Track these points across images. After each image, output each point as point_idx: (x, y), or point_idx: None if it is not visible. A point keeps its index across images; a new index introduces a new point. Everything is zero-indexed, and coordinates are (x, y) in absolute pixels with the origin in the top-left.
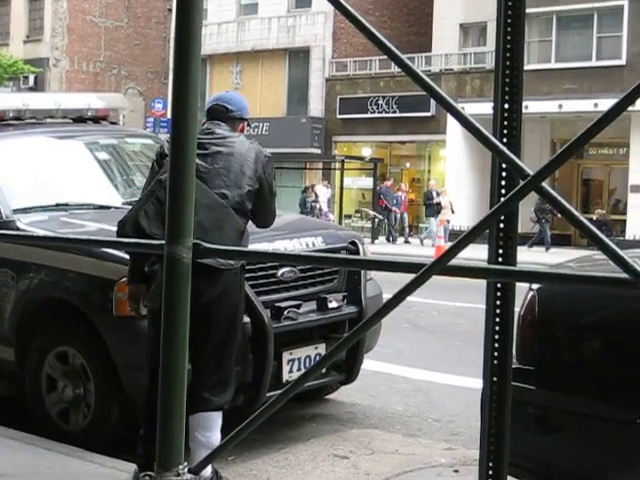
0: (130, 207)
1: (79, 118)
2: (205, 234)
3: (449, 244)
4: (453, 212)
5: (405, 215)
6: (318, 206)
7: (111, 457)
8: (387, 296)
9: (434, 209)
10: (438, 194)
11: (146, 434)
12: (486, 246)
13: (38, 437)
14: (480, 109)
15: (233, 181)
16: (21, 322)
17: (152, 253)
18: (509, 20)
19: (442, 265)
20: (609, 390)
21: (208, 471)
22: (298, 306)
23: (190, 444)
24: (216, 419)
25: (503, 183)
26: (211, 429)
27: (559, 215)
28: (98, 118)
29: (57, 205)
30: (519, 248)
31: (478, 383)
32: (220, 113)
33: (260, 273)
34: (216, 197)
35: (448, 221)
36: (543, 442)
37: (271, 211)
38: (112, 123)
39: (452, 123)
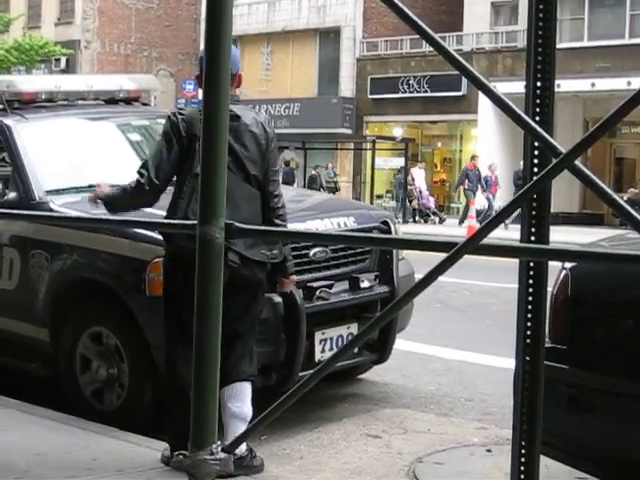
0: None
1: (111, 100)
2: (237, 205)
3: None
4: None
5: (492, 197)
6: (418, 189)
7: (145, 436)
8: (419, 276)
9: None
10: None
11: (172, 414)
12: (519, 227)
13: (73, 417)
14: (512, 88)
15: (259, 168)
16: (55, 303)
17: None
18: None
19: (474, 244)
20: None
21: (243, 448)
22: (330, 286)
23: (223, 418)
24: (247, 389)
25: (535, 162)
26: (243, 399)
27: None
28: (130, 99)
29: (90, 186)
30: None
31: (511, 363)
32: None
33: (293, 253)
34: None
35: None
36: (576, 421)
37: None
38: (144, 104)
39: (483, 102)
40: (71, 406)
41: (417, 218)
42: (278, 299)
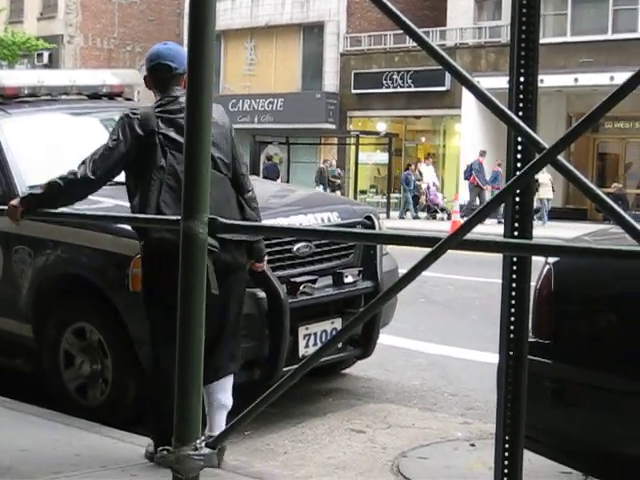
0: None
1: (94, 95)
2: (219, 209)
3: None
4: (554, 190)
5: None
6: (425, 185)
7: (129, 432)
8: (403, 271)
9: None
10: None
11: (155, 409)
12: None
13: (57, 412)
14: (495, 83)
15: (225, 152)
16: (38, 299)
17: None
18: None
19: (458, 239)
20: (625, 363)
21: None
22: (314, 281)
23: (207, 411)
24: (230, 380)
25: (519, 157)
26: (226, 390)
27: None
28: (113, 94)
29: None
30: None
31: (494, 357)
32: (164, 73)
33: (276, 248)
34: (216, 172)
35: (548, 200)
36: (559, 415)
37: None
38: (127, 99)
39: (467, 97)
40: (55, 402)
41: (424, 214)
42: (262, 294)
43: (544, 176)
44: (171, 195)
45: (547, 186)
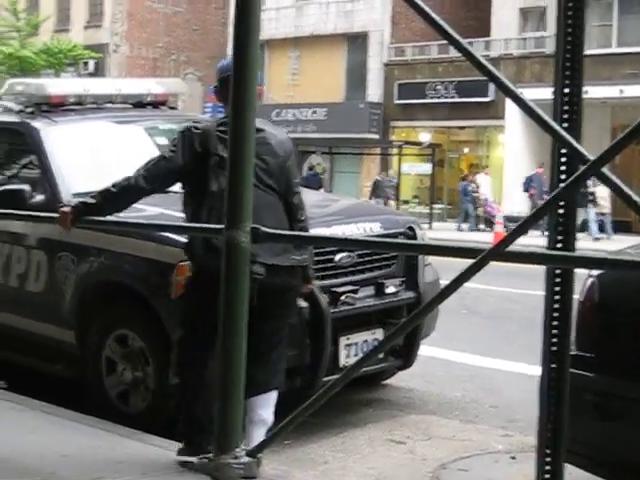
0: None
1: (139, 103)
2: (259, 216)
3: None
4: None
5: None
6: (483, 197)
7: (170, 440)
8: (445, 282)
9: (587, 198)
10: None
11: (189, 418)
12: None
13: (98, 419)
14: (539, 94)
15: (278, 182)
16: (82, 305)
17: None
18: (570, 4)
19: (500, 251)
20: None
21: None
22: (355, 291)
23: (246, 425)
24: (274, 395)
25: (563, 168)
26: (268, 406)
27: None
28: (157, 103)
29: None
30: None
31: (536, 370)
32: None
33: (318, 258)
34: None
35: (603, 214)
36: (601, 429)
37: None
38: (171, 108)
39: (511, 108)
40: (96, 408)
41: (482, 226)
42: (303, 304)
43: (602, 189)
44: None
45: (605, 200)
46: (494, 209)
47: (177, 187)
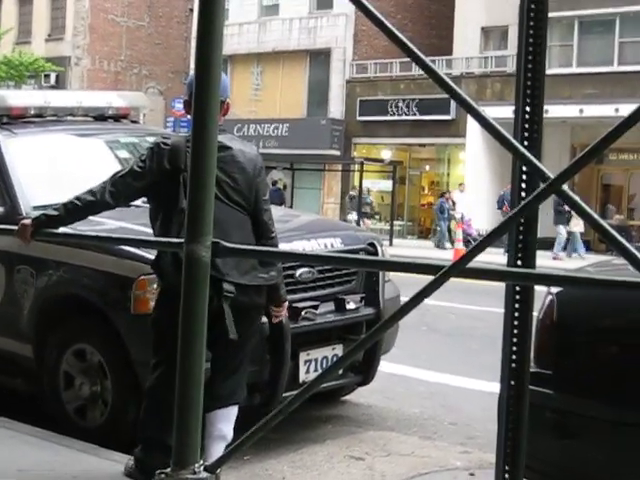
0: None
1: (100, 116)
2: (227, 233)
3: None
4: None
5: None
6: (458, 215)
7: (127, 454)
8: (405, 298)
9: (564, 216)
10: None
11: (148, 434)
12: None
13: (55, 433)
14: (501, 113)
15: (246, 198)
16: (39, 319)
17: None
18: (531, 24)
19: (461, 267)
20: (627, 395)
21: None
22: (316, 307)
23: (205, 440)
24: (234, 411)
25: (523, 186)
26: (229, 421)
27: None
28: (119, 116)
29: None
30: (538, 253)
31: (495, 387)
32: None
33: None
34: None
35: (581, 233)
36: (560, 446)
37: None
38: (133, 122)
39: (472, 126)
40: (54, 422)
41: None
42: (263, 319)
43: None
44: None
45: (579, 218)
46: (471, 227)
47: (138, 201)
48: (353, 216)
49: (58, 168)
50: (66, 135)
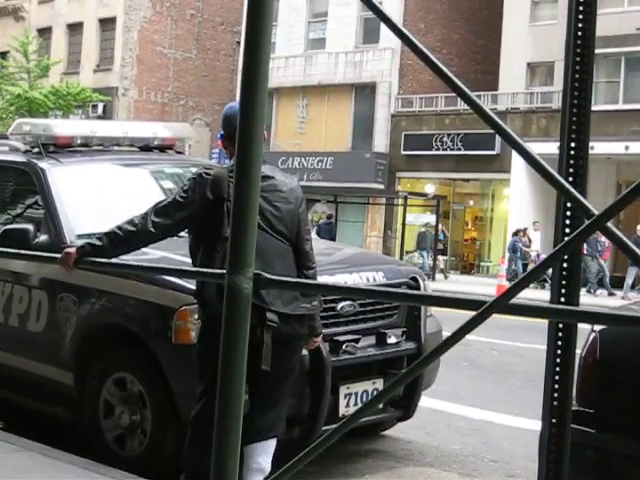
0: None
1: (145, 147)
2: (269, 263)
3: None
4: None
5: (604, 263)
6: (534, 253)
7: None
8: (447, 333)
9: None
10: None
11: (191, 464)
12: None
13: (94, 462)
14: (545, 149)
15: (289, 229)
16: (81, 347)
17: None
18: (577, 60)
19: (503, 303)
20: None
21: None
22: (357, 340)
23: (243, 473)
24: (273, 443)
25: (567, 222)
26: (267, 454)
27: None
28: (164, 147)
29: None
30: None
31: (537, 424)
32: None
33: None
34: (281, 243)
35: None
36: None
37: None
38: (178, 152)
39: (516, 162)
40: (93, 451)
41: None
42: (304, 352)
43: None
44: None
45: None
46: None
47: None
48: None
49: (103, 197)
50: (111, 165)
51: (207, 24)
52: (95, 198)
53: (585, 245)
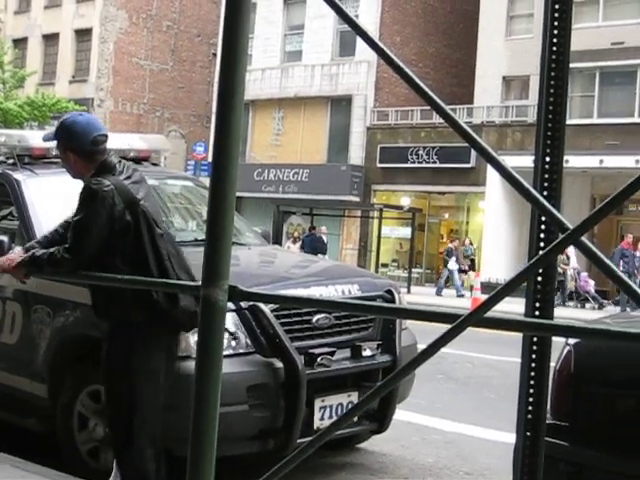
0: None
1: (121, 158)
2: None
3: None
4: None
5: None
6: (572, 270)
7: None
8: (422, 346)
9: None
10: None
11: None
12: (523, 300)
13: (67, 474)
14: (520, 162)
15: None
16: (55, 359)
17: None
18: (553, 74)
19: (478, 317)
20: None
21: None
22: (332, 353)
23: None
24: None
25: (542, 236)
26: None
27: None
28: (140, 159)
29: None
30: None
31: (511, 437)
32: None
33: (295, 319)
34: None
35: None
36: None
37: None
38: (153, 164)
39: (492, 175)
40: (67, 464)
41: (571, 302)
42: (279, 364)
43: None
44: (176, 261)
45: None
46: (588, 284)
47: None
48: (453, 265)
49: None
50: None
51: (183, 36)
52: (70, 210)
53: (621, 262)
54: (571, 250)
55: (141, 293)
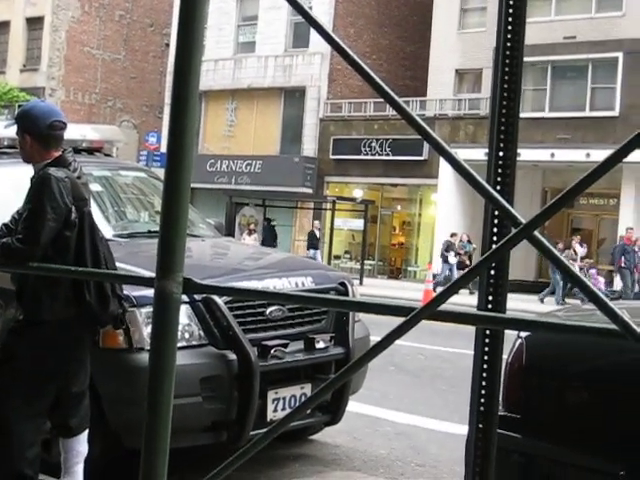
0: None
1: (73, 149)
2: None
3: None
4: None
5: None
6: (579, 266)
7: None
8: (375, 338)
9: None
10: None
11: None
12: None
13: None
14: (473, 155)
15: None
16: (4, 351)
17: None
18: (506, 68)
19: (431, 310)
20: (594, 441)
21: None
22: (285, 345)
23: (68, 460)
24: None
25: (495, 230)
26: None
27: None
28: (92, 149)
29: None
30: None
31: (463, 429)
32: (62, 130)
33: (248, 311)
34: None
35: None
36: None
37: None
38: (106, 155)
39: (444, 168)
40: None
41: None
42: (232, 356)
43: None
44: (111, 266)
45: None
46: (598, 280)
47: (109, 234)
48: (452, 259)
49: None
50: None
51: (136, 25)
52: (22, 201)
53: (623, 258)
54: (577, 246)
55: (75, 292)
